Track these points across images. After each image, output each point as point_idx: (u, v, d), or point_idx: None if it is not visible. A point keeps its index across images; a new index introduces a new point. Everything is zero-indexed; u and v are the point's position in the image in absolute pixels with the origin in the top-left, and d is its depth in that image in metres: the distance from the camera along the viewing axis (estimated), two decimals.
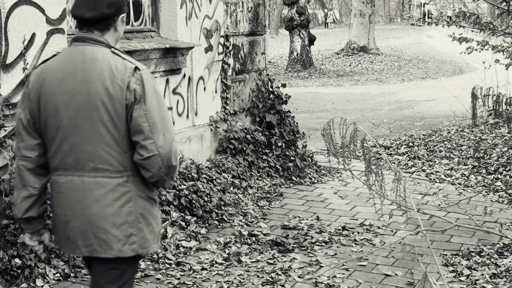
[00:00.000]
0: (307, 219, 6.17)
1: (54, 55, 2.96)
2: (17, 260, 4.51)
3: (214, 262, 5.05)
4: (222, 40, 7.49)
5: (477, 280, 4.72)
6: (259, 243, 5.48)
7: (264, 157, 7.51)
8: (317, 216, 6.26)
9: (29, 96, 2.91)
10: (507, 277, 4.73)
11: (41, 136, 2.92)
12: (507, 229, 5.84)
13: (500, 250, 5.25)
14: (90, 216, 2.83)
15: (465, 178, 7.67)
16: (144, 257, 3.03)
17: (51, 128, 2.86)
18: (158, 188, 3.01)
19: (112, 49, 2.88)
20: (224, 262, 5.06)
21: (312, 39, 22.29)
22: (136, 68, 2.82)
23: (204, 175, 6.37)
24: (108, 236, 2.83)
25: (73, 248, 2.92)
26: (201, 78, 7.13)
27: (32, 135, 2.92)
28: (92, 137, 2.81)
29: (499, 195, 6.99)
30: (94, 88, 2.78)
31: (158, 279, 4.74)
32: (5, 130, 4.76)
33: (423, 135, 10.03)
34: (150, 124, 2.78)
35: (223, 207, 6.12)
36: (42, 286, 4.50)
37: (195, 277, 4.78)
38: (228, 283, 4.67)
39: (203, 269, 4.92)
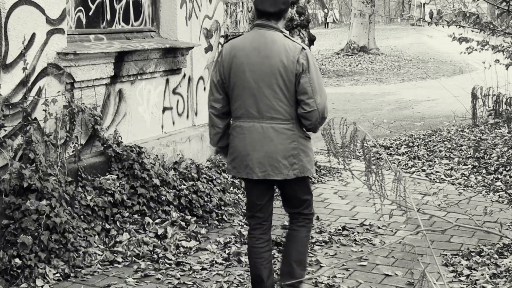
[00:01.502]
0: None
1: (239, 35, 4.14)
2: (17, 260, 4.51)
3: (214, 262, 5.05)
4: (222, 40, 7.49)
5: (477, 280, 4.72)
6: None
7: None
8: (317, 216, 6.26)
9: (222, 64, 4.03)
10: (507, 277, 4.73)
11: (226, 93, 4.05)
12: (507, 229, 5.84)
13: (500, 250, 5.25)
14: (267, 150, 3.94)
15: (465, 178, 7.67)
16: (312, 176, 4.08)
17: (238, 88, 3.98)
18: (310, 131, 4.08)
19: (284, 33, 3.99)
20: (224, 262, 5.06)
21: (312, 39, 22.24)
22: (303, 48, 3.95)
23: (204, 175, 6.37)
24: (279, 165, 3.95)
25: (250, 173, 4.00)
26: (201, 78, 7.13)
27: (220, 92, 4.07)
28: (270, 95, 3.92)
29: (499, 195, 6.98)
30: (273, 61, 3.90)
31: (158, 279, 4.74)
32: (5, 130, 4.76)
33: (423, 135, 10.03)
34: (312, 88, 3.89)
35: (223, 207, 6.12)
36: (42, 286, 4.50)
37: (195, 277, 4.78)
38: (228, 283, 4.67)
39: (203, 269, 4.92)
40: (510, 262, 4.97)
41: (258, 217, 4.11)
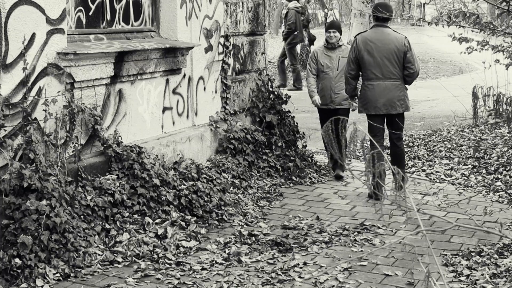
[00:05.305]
0: (307, 219, 6.17)
1: (365, 31, 7.12)
2: (17, 260, 4.51)
3: (214, 262, 5.05)
4: (222, 40, 7.49)
5: (477, 280, 4.72)
6: (259, 243, 5.48)
7: (264, 157, 7.50)
8: (317, 216, 6.26)
9: (358, 47, 6.86)
10: (507, 277, 4.73)
11: (357, 65, 6.90)
12: (507, 229, 5.84)
13: (500, 250, 5.25)
14: (389, 97, 6.81)
15: (465, 178, 7.67)
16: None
17: (368, 62, 6.84)
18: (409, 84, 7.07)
19: (392, 29, 7.01)
20: (224, 262, 5.06)
21: (312, 39, 22.24)
22: (405, 37, 6.90)
23: (204, 175, 6.37)
24: (395, 105, 6.85)
25: (378, 111, 6.84)
26: (201, 78, 7.12)
27: (354, 65, 6.90)
28: (389, 65, 6.82)
29: (499, 195, 6.98)
30: (391, 46, 6.83)
31: (158, 279, 4.74)
32: (5, 130, 4.76)
33: (423, 135, 10.03)
34: (413, 60, 6.85)
35: (223, 207, 6.12)
36: (42, 286, 4.50)
37: (195, 277, 4.78)
38: (228, 283, 4.67)
39: (203, 269, 4.92)
40: (510, 262, 4.97)
41: (378, 135, 6.71)
